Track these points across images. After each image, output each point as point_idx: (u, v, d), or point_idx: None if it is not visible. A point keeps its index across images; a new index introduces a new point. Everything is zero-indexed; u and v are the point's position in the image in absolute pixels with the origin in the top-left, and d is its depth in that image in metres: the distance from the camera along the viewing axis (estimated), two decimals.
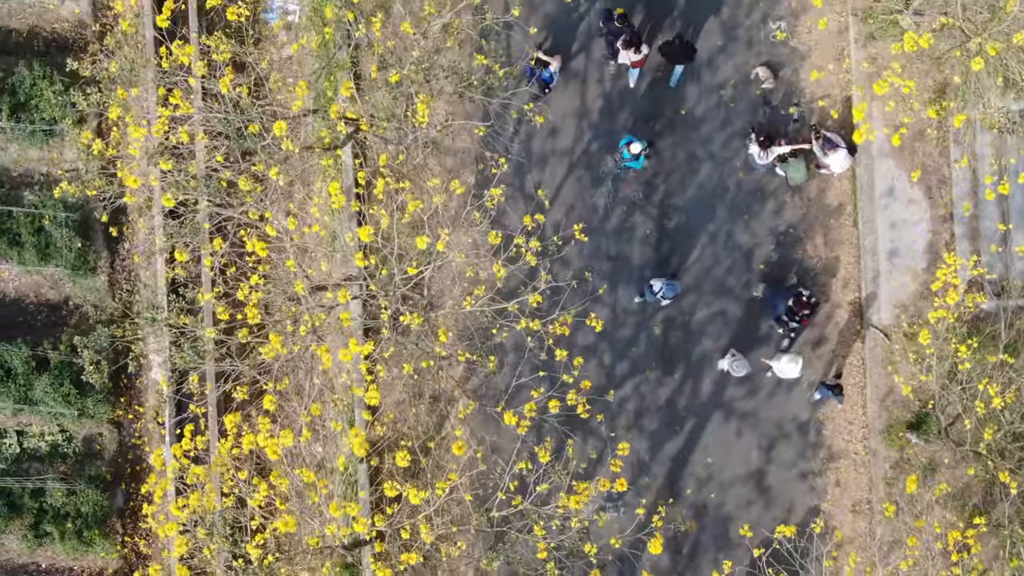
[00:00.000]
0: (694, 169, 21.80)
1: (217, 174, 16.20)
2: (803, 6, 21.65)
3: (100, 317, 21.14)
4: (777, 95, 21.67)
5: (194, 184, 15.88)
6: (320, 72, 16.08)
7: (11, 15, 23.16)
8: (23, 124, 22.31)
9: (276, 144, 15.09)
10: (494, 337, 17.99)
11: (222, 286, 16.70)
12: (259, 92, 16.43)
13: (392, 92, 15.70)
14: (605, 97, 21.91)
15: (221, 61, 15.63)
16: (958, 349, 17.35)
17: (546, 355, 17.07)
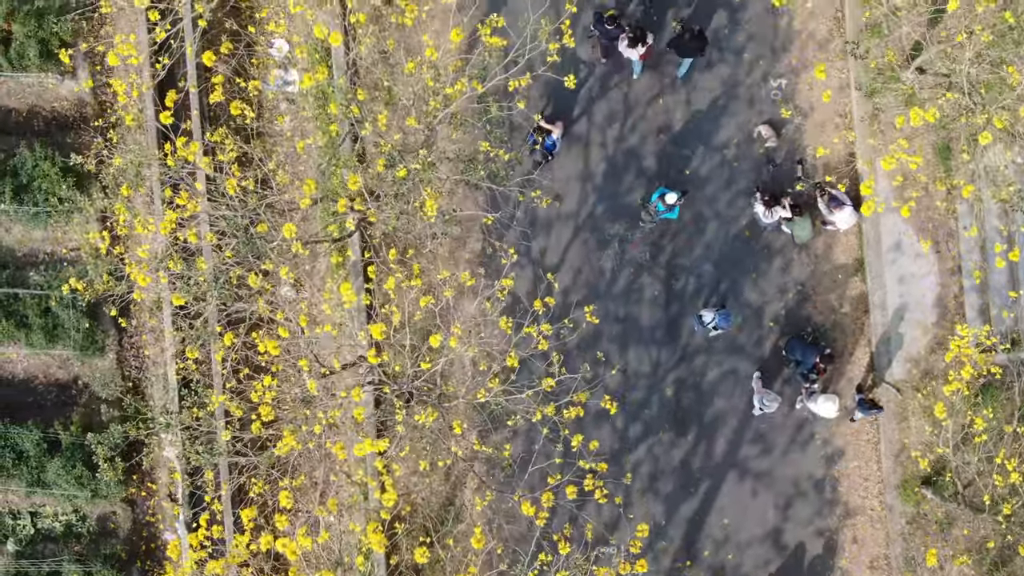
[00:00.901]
0: (700, 229, 21.77)
1: (226, 270, 16.16)
2: (803, 64, 21.63)
3: (112, 414, 21.12)
4: (780, 153, 21.64)
5: (205, 287, 15.84)
6: (327, 167, 16.05)
7: (10, 95, 23.14)
8: (26, 206, 22.28)
9: (286, 245, 15.06)
10: (508, 424, 17.92)
11: (234, 382, 16.67)
12: (265, 182, 16.38)
13: (399, 187, 15.67)
14: (608, 160, 21.89)
15: (227, 160, 15.60)
16: (973, 421, 17.32)
17: (562, 445, 17.01)
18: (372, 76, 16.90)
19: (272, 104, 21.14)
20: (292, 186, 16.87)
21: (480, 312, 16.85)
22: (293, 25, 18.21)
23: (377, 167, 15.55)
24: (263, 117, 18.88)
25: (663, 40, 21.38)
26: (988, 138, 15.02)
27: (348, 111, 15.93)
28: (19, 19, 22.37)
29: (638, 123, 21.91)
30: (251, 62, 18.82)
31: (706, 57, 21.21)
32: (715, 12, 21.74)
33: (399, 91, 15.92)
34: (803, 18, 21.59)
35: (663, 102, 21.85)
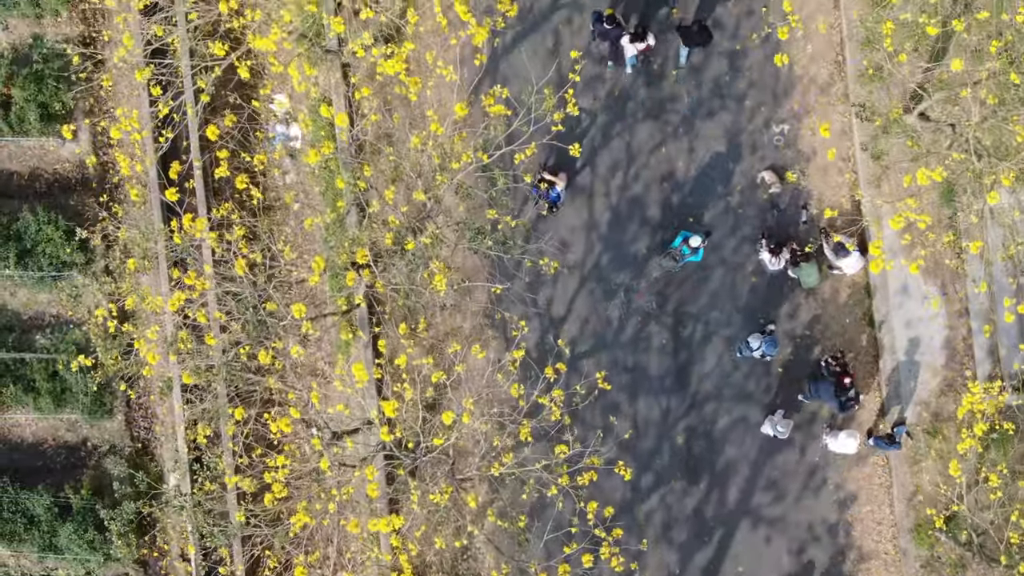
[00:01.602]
0: (706, 275, 21.75)
1: (236, 347, 16.13)
2: (805, 109, 21.61)
3: (125, 491, 21.09)
4: (785, 198, 21.62)
5: (215, 371, 15.82)
6: (335, 244, 16.02)
7: (11, 158, 23.13)
8: (31, 271, 22.24)
9: (296, 324, 15.04)
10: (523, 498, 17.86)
11: (246, 458, 16.63)
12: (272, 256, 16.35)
13: (408, 261, 15.65)
14: (612, 209, 21.87)
15: (235, 239, 15.57)
16: (988, 477, 17.30)
17: (577, 516, 16.97)
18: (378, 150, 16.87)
19: (276, 159, 21.15)
20: (300, 259, 16.84)
21: (491, 383, 16.82)
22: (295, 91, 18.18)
23: (385, 241, 15.51)
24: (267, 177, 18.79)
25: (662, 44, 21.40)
26: (996, 198, 15.00)
27: (355, 186, 15.90)
28: (18, 83, 22.37)
29: (641, 172, 21.90)
30: (255, 134, 18.81)
31: (709, 48, 21.17)
32: (716, 59, 21.72)
33: (405, 165, 15.89)
34: (804, 63, 21.57)
35: (665, 150, 21.84)
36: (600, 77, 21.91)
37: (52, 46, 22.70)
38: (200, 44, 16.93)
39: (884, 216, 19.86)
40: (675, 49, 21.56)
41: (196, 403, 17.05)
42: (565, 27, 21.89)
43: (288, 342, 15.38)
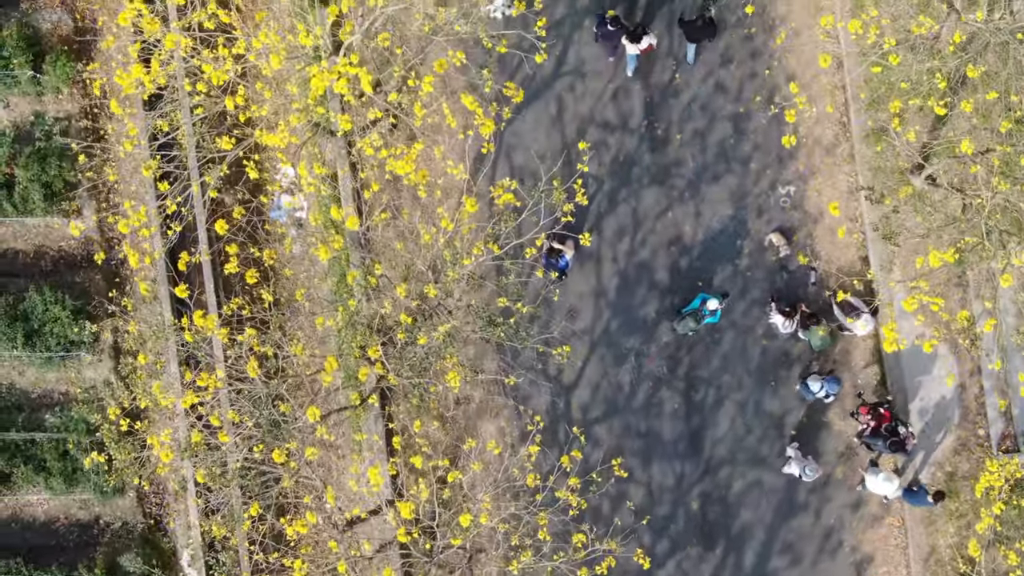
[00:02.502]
0: (717, 339, 21.70)
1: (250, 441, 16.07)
2: (811, 170, 21.58)
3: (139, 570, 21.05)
4: (793, 260, 21.57)
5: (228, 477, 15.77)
6: (347, 342, 16.00)
7: (16, 236, 23.06)
8: (38, 351, 22.17)
9: (309, 428, 14.99)
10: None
11: (261, 554, 16.56)
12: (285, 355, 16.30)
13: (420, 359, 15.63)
14: (621, 274, 21.83)
15: (246, 339, 15.51)
16: (1007, 555, 17.26)
17: None
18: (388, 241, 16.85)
19: (282, 230, 21.11)
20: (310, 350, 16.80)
21: (507, 475, 16.77)
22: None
23: (398, 335, 15.47)
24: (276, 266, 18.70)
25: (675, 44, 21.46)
26: (1009, 281, 14.95)
27: (366, 282, 15.86)
28: (21, 163, 22.31)
29: (648, 236, 21.86)
30: (264, 228, 18.77)
31: (715, 42, 21.15)
32: (720, 122, 21.70)
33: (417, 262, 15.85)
34: (808, 125, 21.54)
35: (672, 214, 21.80)
36: (605, 143, 21.89)
37: (54, 123, 22.66)
38: (207, 137, 16.89)
39: (897, 296, 19.86)
40: (682, 49, 21.44)
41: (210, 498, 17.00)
42: (568, 94, 21.87)
43: (302, 443, 15.33)
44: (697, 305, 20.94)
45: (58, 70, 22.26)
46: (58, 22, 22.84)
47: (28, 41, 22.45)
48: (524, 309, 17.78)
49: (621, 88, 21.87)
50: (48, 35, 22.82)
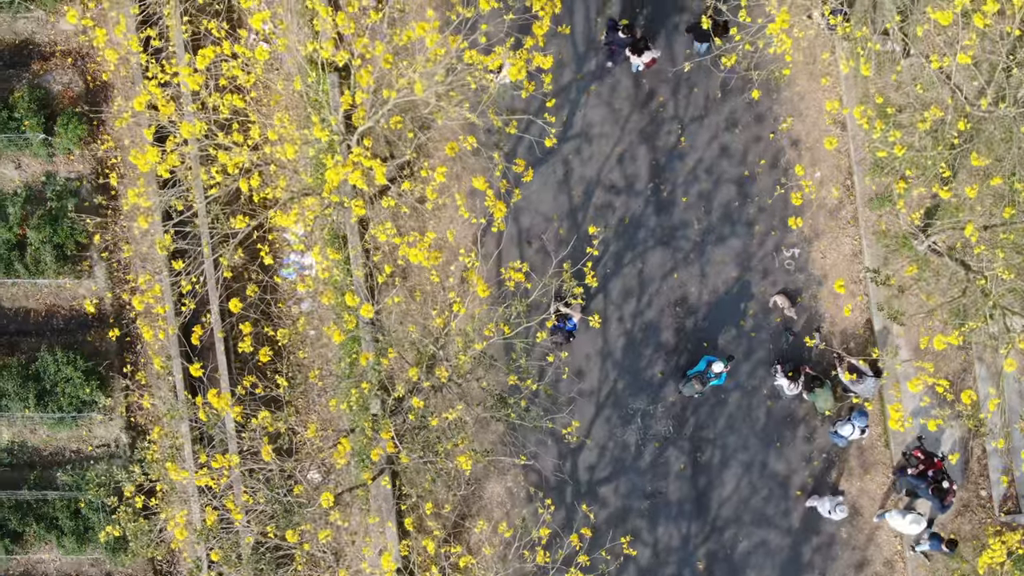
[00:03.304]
0: (722, 400, 21.93)
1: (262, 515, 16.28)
2: (815, 232, 21.82)
3: None
4: (798, 322, 21.81)
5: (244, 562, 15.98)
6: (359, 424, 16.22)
7: (28, 296, 23.27)
8: (50, 411, 22.37)
9: (324, 515, 15.20)
10: None
11: None
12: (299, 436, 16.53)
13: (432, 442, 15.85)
14: (627, 335, 22.05)
15: (260, 422, 15.73)
16: None
17: None
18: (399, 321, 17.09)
19: (290, 290, 21.32)
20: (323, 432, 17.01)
21: (519, 558, 16.98)
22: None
23: (409, 417, 15.71)
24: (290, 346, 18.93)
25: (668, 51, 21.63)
26: (1013, 365, 15.18)
27: (378, 365, 16.09)
28: (33, 224, 22.51)
29: (654, 297, 22.09)
30: (277, 306, 18.98)
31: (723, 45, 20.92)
32: (724, 186, 21.95)
33: (429, 345, 16.08)
34: (812, 187, 21.77)
35: (678, 276, 22.04)
36: (611, 205, 22.12)
37: (65, 183, 22.88)
38: (221, 216, 17.10)
39: (902, 378, 20.13)
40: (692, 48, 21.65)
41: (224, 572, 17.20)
42: (575, 157, 22.10)
43: (316, 525, 15.53)
44: (703, 368, 21.19)
45: (69, 132, 22.47)
46: (69, 83, 23.05)
47: (39, 103, 22.67)
48: (534, 387, 18.00)
49: (628, 151, 22.12)
50: (59, 96, 23.03)
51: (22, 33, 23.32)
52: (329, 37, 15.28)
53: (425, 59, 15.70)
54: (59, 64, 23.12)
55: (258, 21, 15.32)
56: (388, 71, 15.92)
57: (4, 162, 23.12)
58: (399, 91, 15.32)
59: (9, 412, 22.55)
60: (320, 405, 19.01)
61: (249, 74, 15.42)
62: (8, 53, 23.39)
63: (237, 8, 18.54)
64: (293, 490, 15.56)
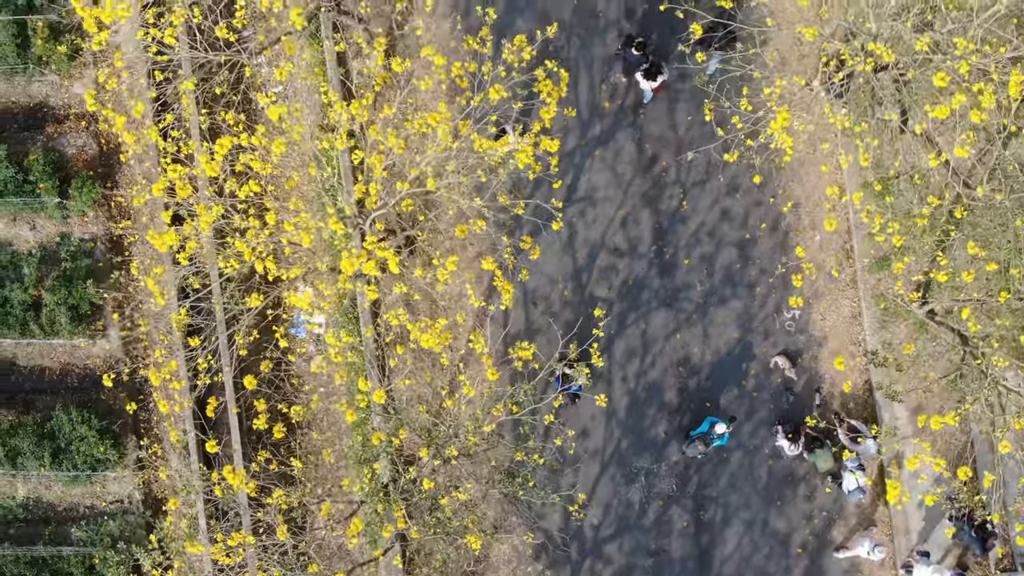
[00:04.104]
0: (725, 459, 22.37)
1: None
2: (815, 294, 22.26)
3: None
4: (798, 382, 22.25)
5: None
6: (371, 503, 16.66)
7: (42, 355, 23.70)
8: (65, 469, 22.80)
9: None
10: None
11: None
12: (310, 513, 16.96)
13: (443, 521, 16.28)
14: (631, 395, 22.49)
15: (274, 502, 16.16)
16: None
17: None
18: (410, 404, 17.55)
19: (301, 347, 21.75)
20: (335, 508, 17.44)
21: None
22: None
23: (421, 498, 16.15)
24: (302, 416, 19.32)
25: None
26: (1007, 447, 15.63)
27: (389, 445, 16.54)
28: (48, 285, 22.94)
29: (657, 358, 22.53)
30: (290, 382, 19.44)
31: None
32: (726, 249, 22.40)
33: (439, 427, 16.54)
34: (812, 251, 22.22)
35: (681, 336, 22.48)
36: (615, 267, 22.58)
37: (79, 244, 23.31)
38: (236, 294, 17.55)
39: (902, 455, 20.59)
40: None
41: None
42: (579, 220, 22.55)
43: None
44: (706, 429, 21.63)
45: (84, 195, 22.92)
46: (83, 146, 23.51)
47: (54, 165, 23.12)
48: (541, 461, 18.45)
49: (631, 215, 22.57)
50: (73, 159, 23.48)
51: (36, 96, 23.78)
52: (342, 129, 15.72)
53: (435, 145, 16.15)
54: (73, 127, 23.58)
55: (274, 114, 15.77)
56: (400, 155, 16.38)
57: (19, 223, 23.58)
58: (411, 182, 15.77)
59: (25, 470, 22.99)
60: (332, 482, 19.43)
61: (266, 163, 15.87)
62: (23, 116, 23.85)
63: (254, 100, 19.01)
64: (307, 568, 16.00)
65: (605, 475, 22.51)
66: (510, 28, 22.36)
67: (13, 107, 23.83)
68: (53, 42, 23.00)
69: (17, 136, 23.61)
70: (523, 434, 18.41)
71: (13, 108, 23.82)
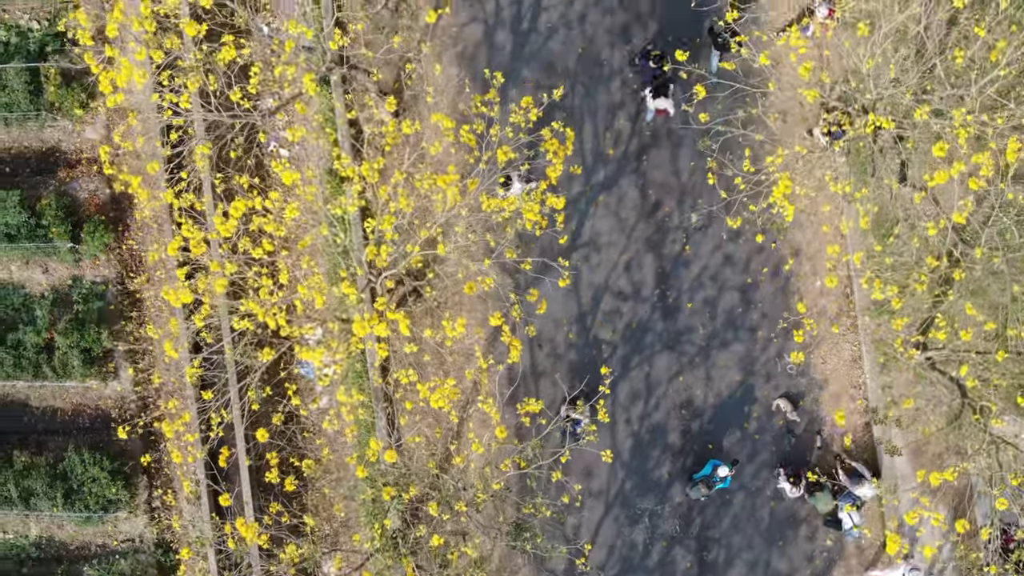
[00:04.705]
0: (727, 500, 22.71)
1: None
2: (816, 339, 22.61)
3: None
4: (800, 425, 22.61)
5: None
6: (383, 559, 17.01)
7: (55, 396, 24.05)
8: (77, 509, 23.14)
9: None
10: None
11: None
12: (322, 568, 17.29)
13: None
14: (634, 436, 22.84)
15: (287, 559, 16.50)
16: None
17: None
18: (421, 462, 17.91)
19: (320, 441, 22.12)
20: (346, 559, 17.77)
21: None
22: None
23: (431, 553, 16.52)
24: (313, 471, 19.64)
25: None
26: (1004, 504, 15.97)
27: (400, 500, 16.87)
28: (61, 329, 23.28)
29: (661, 400, 22.88)
30: (302, 436, 19.79)
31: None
32: (728, 293, 22.75)
33: (449, 483, 16.91)
34: (813, 296, 22.58)
35: (684, 379, 22.83)
36: (619, 310, 22.92)
37: (91, 287, 23.65)
38: (248, 349, 17.89)
39: (901, 509, 20.92)
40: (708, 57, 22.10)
41: None
42: (584, 265, 22.91)
43: None
44: (709, 472, 21.99)
45: (96, 240, 23.26)
46: (95, 191, 23.86)
47: (66, 210, 23.46)
48: (549, 513, 18.79)
49: (634, 259, 22.92)
50: (85, 204, 23.84)
51: (49, 141, 24.14)
52: (355, 194, 16.09)
53: (444, 202, 16.50)
54: (85, 172, 23.93)
55: (288, 179, 16.12)
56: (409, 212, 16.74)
57: (32, 266, 23.93)
58: (422, 244, 16.13)
59: (38, 510, 23.32)
60: (343, 533, 19.76)
61: (280, 226, 16.22)
62: (36, 160, 24.22)
63: (267, 165, 19.38)
64: None
65: (609, 516, 22.85)
66: (516, 77, 22.76)
67: (26, 151, 24.20)
68: (65, 88, 23.37)
69: (30, 180, 23.97)
70: (530, 486, 18.73)
71: (26, 152, 24.19)
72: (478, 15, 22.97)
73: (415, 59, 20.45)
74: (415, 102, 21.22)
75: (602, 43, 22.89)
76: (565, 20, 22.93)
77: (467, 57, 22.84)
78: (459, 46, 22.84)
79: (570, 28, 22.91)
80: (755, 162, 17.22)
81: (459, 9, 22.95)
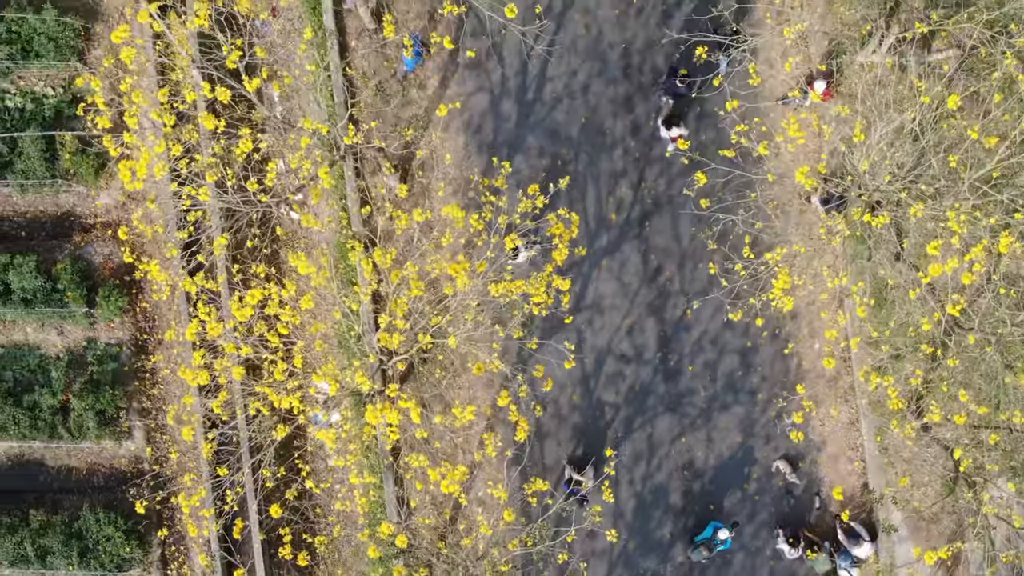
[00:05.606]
0: (728, 561, 23.24)
1: None
2: (814, 401, 23.15)
3: None
4: (799, 486, 23.14)
5: None
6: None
7: (69, 455, 24.56)
8: (93, 568, 23.65)
9: None
10: None
11: None
12: None
13: None
14: (637, 497, 23.37)
15: None
16: None
17: None
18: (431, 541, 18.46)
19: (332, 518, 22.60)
20: None
21: None
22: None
23: None
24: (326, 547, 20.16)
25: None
26: (995, 570, 16.51)
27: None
28: (76, 391, 23.79)
29: (663, 461, 23.42)
30: (315, 512, 20.31)
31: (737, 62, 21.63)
32: (728, 357, 23.30)
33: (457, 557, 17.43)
34: (811, 359, 23.14)
35: (685, 440, 23.37)
36: (621, 373, 23.46)
37: (105, 349, 24.17)
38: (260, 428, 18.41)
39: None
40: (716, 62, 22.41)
41: None
42: (587, 328, 23.44)
43: None
44: (709, 534, 22.53)
45: (110, 304, 23.78)
46: (109, 255, 24.38)
47: (81, 274, 23.98)
48: None
49: (637, 323, 23.47)
50: (100, 268, 24.35)
51: (64, 206, 24.67)
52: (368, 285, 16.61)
53: (453, 287, 17.04)
54: (99, 236, 24.45)
55: (303, 268, 16.67)
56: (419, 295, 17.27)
57: (47, 329, 24.44)
58: (432, 333, 16.67)
59: (54, 568, 23.84)
60: None
61: (295, 314, 16.75)
62: (51, 225, 24.74)
63: (282, 255, 19.93)
64: None
65: (612, 575, 23.37)
66: (522, 145, 23.32)
67: (41, 216, 24.72)
68: (80, 155, 23.90)
69: (45, 244, 24.49)
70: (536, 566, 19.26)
71: (41, 217, 24.72)
72: (484, 85, 23.54)
73: (425, 145, 21.01)
74: (425, 194, 21.82)
75: (605, 112, 23.45)
76: (569, 90, 23.49)
77: (472, 128, 23.40)
78: (465, 115, 23.41)
79: (573, 98, 23.48)
80: (754, 247, 17.72)
81: (465, 79, 23.52)
